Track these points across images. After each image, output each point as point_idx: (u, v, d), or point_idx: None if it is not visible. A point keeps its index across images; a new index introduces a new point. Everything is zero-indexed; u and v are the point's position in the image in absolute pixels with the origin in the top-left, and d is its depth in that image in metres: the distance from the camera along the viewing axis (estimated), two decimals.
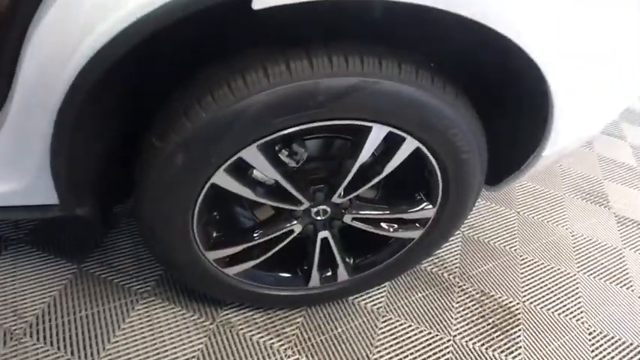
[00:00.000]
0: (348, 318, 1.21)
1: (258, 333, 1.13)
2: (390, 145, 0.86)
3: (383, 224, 1.05)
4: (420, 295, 1.31)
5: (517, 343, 1.25)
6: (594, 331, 1.33)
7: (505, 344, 1.24)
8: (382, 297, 1.28)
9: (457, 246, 1.47)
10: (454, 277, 1.38)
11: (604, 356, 1.28)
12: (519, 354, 1.23)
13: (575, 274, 1.49)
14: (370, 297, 1.27)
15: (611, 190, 1.88)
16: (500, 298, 1.35)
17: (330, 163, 0.94)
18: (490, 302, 1.33)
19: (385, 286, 1.30)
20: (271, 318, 1.17)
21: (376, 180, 0.90)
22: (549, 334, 1.29)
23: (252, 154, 0.78)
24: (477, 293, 1.35)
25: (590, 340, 1.31)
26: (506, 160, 1.04)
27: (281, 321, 1.17)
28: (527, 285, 1.41)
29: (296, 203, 0.92)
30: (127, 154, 0.90)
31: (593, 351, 1.28)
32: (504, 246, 1.52)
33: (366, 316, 1.22)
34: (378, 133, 0.81)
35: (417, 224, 1.05)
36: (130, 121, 0.88)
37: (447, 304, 1.30)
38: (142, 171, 0.80)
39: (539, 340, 1.27)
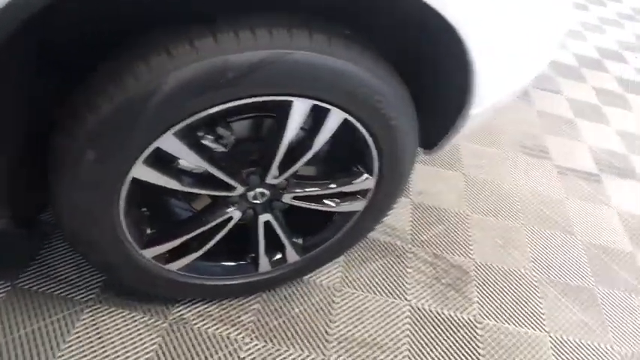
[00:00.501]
0: (305, 297, 1.21)
1: (214, 325, 1.11)
2: (317, 118, 0.84)
3: (325, 200, 1.04)
4: (374, 265, 1.32)
5: (471, 299, 1.29)
6: (541, 278, 1.40)
7: (459, 301, 1.28)
8: (338, 272, 1.28)
9: (408, 213, 1.49)
10: (406, 244, 1.40)
11: (552, 300, 1.34)
12: (474, 309, 1.27)
13: (521, 227, 1.54)
14: (325, 274, 1.27)
15: (551, 143, 1.96)
16: (452, 258, 1.39)
17: (260, 143, 0.91)
18: (442, 263, 1.37)
19: (340, 261, 1.31)
20: (226, 308, 1.15)
21: (308, 156, 0.88)
22: (500, 287, 1.34)
23: (169, 143, 0.74)
24: (430, 256, 1.38)
25: (538, 287, 1.37)
26: (438, 123, 1.05)
27: (236, 310, 1.15)
28: (477, 243, 1.45)
29: (230, 189, 0.89)
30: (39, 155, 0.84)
31: (541, 296, 1.34)
32: (453, 208, 1.55)
33: (322, 293, 1.22)
34: (300, 108, 0.79)
35: (359, 196, 1.05)
36: (33, 118, 0.82)
37: (401, 270, 1.32)
38: (54, 172, 0.75)
39: (491, 293, 1.32)
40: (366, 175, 1.00)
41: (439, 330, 1.20)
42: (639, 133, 2.18)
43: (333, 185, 1.00)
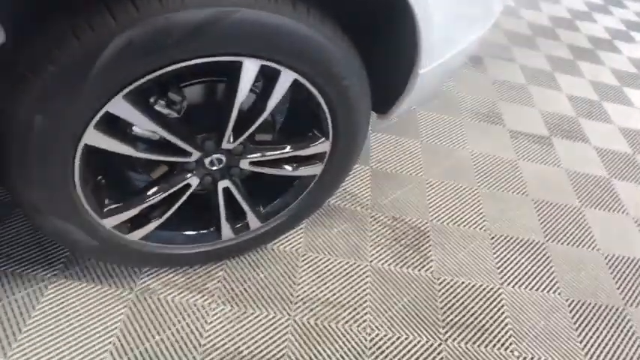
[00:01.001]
0: (269, 263, 1.24)
1: (180, 293, 1.14)
2: (268, 80, 0.86)
3: (283, 165, 1.06)
4: (336, 230, 1.36)
5: (428, 257, 1.36)
6: (495, 235, 1.48)
7: (418, 260, 1.34)
8: (300, 239, 1.32)
9: (367, 180, 1.54)
10: (366, 209, 1.45)
11: (504, 255, 1.43)
12: (431, 266, 1.34)
13: (476, 189, 1.62)
14: (289, 241, 1.31)
15: (504, 109, 2.04)
16: (410, 220, 1.45)
17: (214, 108, 0.92)
18: (401, 226, 1.43)
19: (302, 228, 1.35)
20: (191, 277, 1.17)
21: (262, 118, 0.90)
22: (457, 245, 1.42)
23: (120, 107, 0.75)
24: (389, 220, 1.43)
25: (492, 244, 1.45)
26: (390, 86, 1.09)
27: (201, 278, 1.18)
28: (434, 205, 1.52)
29: (185, 155, 0.90)
30: None
31: (495, 252, 1.43)
32: (411, 174, 1.61)
33: (286, 259, 1.26)
34: (250, 69, 0.80)
35: (316, 160, 1.08)
36: None
37: (362, 234, 1.37)
38: (3, 142, 0.74)
39: (448, 251, 1.39)
40: (320, 138, 1.03)
41: (399, 287, 1.27)
42: (588, 97, 2.29)
43: (289, 149, 1.03)
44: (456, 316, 1.24)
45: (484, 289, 1.32)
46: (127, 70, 0.70)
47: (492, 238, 1.47)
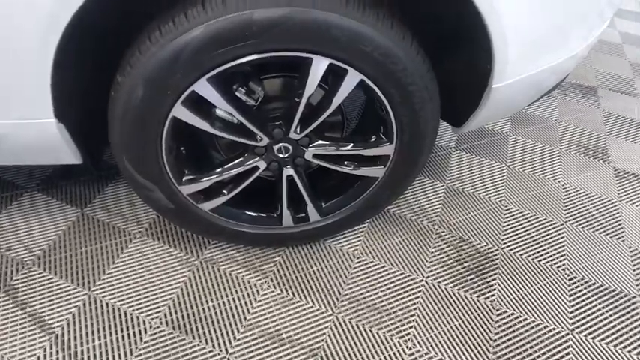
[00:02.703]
0: (324, 258, 1.28)
1: (238, 269, 1.23)
2: (336, 77, 0.91)
3: (345, 162, 1.10)
4: (396, 240, 1.35)
5: (491, 285, 1.28)
6: (575, 277, 1.33)
7: (478, 286, 1.27)
8: (358, 241, 1.34)
9: (439, 196, 1.50)
10: (433, 225, 1.41)
11: (582, 300, 1.28)
12: (492, 295, 1.26)
13: (562, 224, 1.48)
14: (347, 240, 1.33)
15: (613, 146, 1.83)
16: (478, 244, 1.38)
17: (286, 100, 1.00)
18: (467, 248, 1.36)
19: (362, 230, 1.36)
20: (251, 256, 1.26)
21: (326, 114, 0.96)
22: (527, 279, 1.31)
23: (204, 88, 0.86)
24: (455, 240, 1.38)
25: (569, 285, 1.31)
26: (466, 98, 1.07)
27: (260, 259, 1.26)
28: (508, 233, 1.42)
29: (255, 139, 0.99)
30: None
31: (570, 295, 1.29)
32: (489, 197, 1.53)
33: (341, 257, 1.29)
34: (318, 65, 0.86)
35: (379, 162, 1.10)
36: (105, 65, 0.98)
37: (423, 248, 1.34)
38: (112, 107, 0.90)
39: (515, 283, 1.29)
40: (385, 142, 1.05)
41: (452, 309, 1.21)
42: None
43: (351, 147, 1.06)
44: (510, 352, 1.15)
45: (549, 331, 1.20)
46: (212, 56, 0.80)
47: (571, 279, 1.33)
